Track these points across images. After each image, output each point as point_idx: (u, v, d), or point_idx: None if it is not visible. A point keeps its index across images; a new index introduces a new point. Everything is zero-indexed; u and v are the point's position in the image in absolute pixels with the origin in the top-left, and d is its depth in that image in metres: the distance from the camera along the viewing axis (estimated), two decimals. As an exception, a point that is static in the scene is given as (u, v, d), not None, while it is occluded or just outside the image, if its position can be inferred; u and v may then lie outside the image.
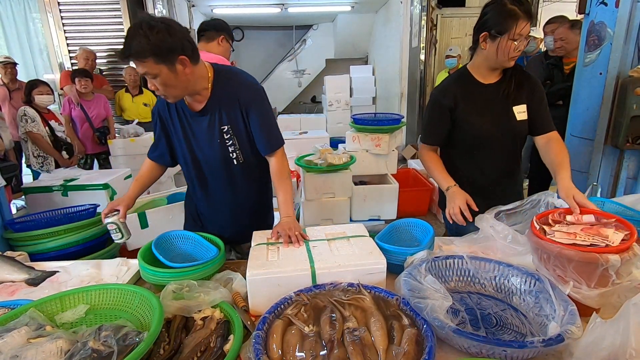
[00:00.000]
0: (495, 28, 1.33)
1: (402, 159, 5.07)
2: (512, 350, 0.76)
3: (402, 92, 5.90)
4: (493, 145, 1.50)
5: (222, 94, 1.31)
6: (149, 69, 1.15)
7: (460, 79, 1.51)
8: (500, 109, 1.45)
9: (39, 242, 1.59)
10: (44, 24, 4.57)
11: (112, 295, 1.03)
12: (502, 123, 1.46)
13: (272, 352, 0.81)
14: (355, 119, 2.98)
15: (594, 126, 2.16)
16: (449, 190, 1.42)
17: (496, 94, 1.46)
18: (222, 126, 1.34)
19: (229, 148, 1.37)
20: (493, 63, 1.41)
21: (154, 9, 4.79)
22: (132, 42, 1.11)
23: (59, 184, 2.30)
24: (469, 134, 1.49)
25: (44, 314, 0.95)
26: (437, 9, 5.16)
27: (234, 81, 1.34)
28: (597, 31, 2.13)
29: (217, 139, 1.35)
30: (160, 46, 1.12)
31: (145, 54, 1.11)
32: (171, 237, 1.35)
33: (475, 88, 1.48)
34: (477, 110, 1.47)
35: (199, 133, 1.37)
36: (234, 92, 1.32)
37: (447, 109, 1.48)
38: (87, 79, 3.53)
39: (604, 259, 0.87)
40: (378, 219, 2.99)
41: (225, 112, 1.33)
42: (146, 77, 1.18)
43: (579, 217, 1.07)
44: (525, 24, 1.30)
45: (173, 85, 1.20)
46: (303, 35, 8.31)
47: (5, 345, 0.80)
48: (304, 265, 1.05)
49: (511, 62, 1.39)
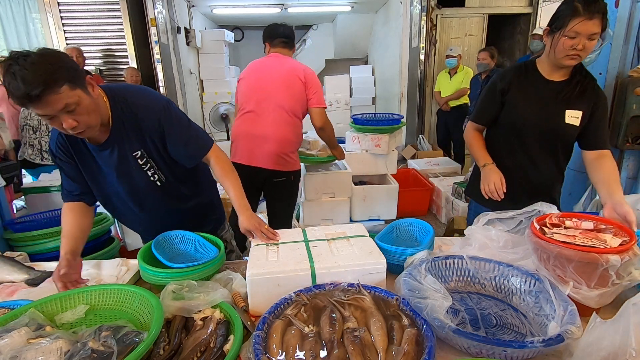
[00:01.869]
0: (554, 23, 1.32)
1: (401, 159, 5.07)
2: (512, 350, 0.76)
3: (401, 92, 5.90)
4: (533, 139, 1.47)
5: (124, 118, 1.16)
6: (68, 99, 0.96)
7: (523, 68, 1.51)
8: (552, 107, 1.43)
9: (38, 242, 1.59)
10: (44, 24, 4.57)
11: (112, 295, 1.03)
12: (548, 120, 1.43)
13: (272, 352, 0.81)
14: (355, 119, 2.99)
15: (594, 126, 2.16)
16: (485, 167, 1.46)
17: (554, 92, 1.42)
18: (135, 152, 1.20)
19: (147, 172, 1.24)
20: (552, 59, 1.39)
21: (153, 9, 4.79)
22: (36, 75, 0.90)
23: (58, 184, 2.30)
24: (512, 122, 1.48)
25: (43, 314, 0.95)
26: (437, 9, 5.16)
27: (132, 104, 1.17)
28: (596, 31, 2.13)
29: (133, 166, 1.21)
30: (67, 68, 0.96)
31: (59, 82, 0.94)
32: (171, 237, 1.35)
33: (535, 80, 1.46)
34: (528, 100, 1.45)
35: (107, 168, 1.21)
36: (142, 112, 1.18)
37: (500, 90, 1.49)
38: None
39: (604, 259, 0.87)
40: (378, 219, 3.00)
41: (132, 138, 1.18)
42: (60, 114, 0.98)
43: (578, 222, 1.07)
44: (581, 21, 1.24)
45: (94, 111, 1.05)
46: (303, 36, 8.31)
47: (5, 346, 0.80)
48: (304, 266, 1.05)
49: (568, 61, 1.33)
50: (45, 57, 0.95)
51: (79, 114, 1.00)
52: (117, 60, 4.79)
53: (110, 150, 1.18)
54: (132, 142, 1.19)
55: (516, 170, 1.51)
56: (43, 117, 0.98)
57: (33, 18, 4.64)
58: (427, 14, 5.07)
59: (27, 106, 0.95)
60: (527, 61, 1.52)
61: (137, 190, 1.26)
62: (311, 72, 2.24)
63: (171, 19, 5.27)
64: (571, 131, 1.43)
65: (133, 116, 1.17)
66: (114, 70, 4.81)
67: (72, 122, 1.00)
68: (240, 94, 2.24)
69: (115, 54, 4.78)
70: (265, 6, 6.31)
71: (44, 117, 0.99)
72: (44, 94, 0.92)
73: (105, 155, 1.19)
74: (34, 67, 0.91)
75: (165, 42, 5.12)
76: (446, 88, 4.69)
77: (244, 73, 2.29)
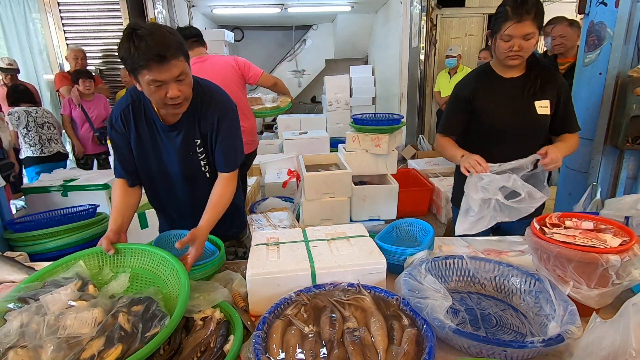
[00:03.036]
0: (492, 27, 1.39)
1: (402, 159, 5.07)
2: (512, 350, 0.76)
3: (401, 92, 5.90)
4: (511, 137, 1.49)
5: (202, 105, 1.24)
6: (183, 68, 1.07)
7: (481, 73, 1.54)
8: (520, 102, 1.46)
9: (38, 242, 1.59)
10: (44, 24, 4.57)
11: (149, 258, 1.10)
12: (521, 115, 1.46)
13: (272, 352, 0.81)
14: (355, 119, 2.98)
15: (594, 126, 2.16)
16: (463, 157, 1.43)
17: (518, 88, 1.46)
18: (196, 139, 1.27)
19: (201, 162, 1.31)
20: (499, 60, 1.45)
21: (154, 9, 4.79)
22: (166, 37, 1.01)
23: (58, 184, 2.30)
24: (487, 125, 1.50)
25: (88, 269, 1.06)
26: (437, 9, 5.16)
27: (210, 95, 1.26)
28: (596, 31, 2.13)
29: (191, 152, 1.28)
30: (184, 43, 1.07)
31: (181, 50, 1.05)
32: (171, 237, 1.35)
33: (496, 81, 1.49)
34: (496, 102, 1.48)
35: (170, 147, 1.27)
36: (213, 105, 1.25)
37: (464, 100, 1.52)
38: (90, 80, 3.55)
39: (604, 259, 0.87)
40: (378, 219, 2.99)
41: (198, 125, 1.26)
42: (171, 82, 1.06)
43: (578, 222, 1.07)
44: (512, 24, 1.30)
45: (191, 87, 1.14)
46: (303, 36, 8.31)
47: (52, 301, 0.88)
48: (304, 265, 1.05)
49: (511, 62, 1.40)
50: (170, 30, 1.06)
51: (184, 85, 1.10)
52: (117, 60, 4.78)
53: (177, 131, 1.25)
54: (196, 129, 1.26)
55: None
56: (153, 83, 1.05)
57: (33, 18, 4.64)
58: (427, 14, 5.07)
59: (149, 67, 1.02)
60: (483, 65, 1.57)
61: (190, 175, 1.32)
62: (237, 57, 2.60)
63: (171, 19, 5.27)
64: (545, 121, 1.47)
65: (204, 107, 1.24)
66: (114, 71, 4.81)
67: (177, 91, 1.08)
68: None
69: (115, 54, 4.76)
70: (265, 6, 6.30)
71: (153, 84, 1.05)
72: (172, 58, 1.03)
73: (172, 136, 1.26)
74: (165, 35, 1.02)
75: (165, 43, 5.10)
76: (446, 88, 4.69)
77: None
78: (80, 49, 4.10)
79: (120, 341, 0.81)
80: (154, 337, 0.80)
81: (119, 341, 0.81)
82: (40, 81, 4.83)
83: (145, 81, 1.06)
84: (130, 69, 1.06)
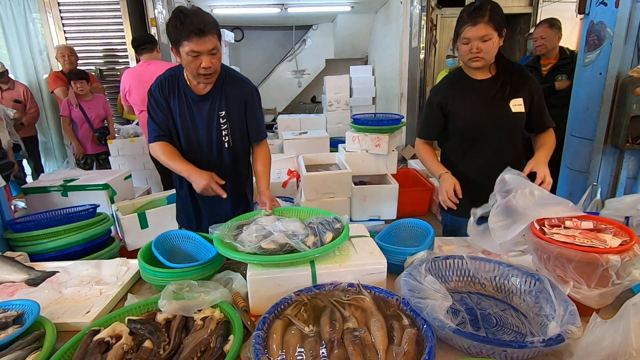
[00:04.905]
0: (455, 33, 1.46)
1: (402, 159, 5.07)
2: (512, 350, 0.76)
3: (401, 92, 5.90)
4: (488, 137, 1.52)
5: (227, 82, 1.48)
6: (216, 43, 1.31)
7: (453, 78, 1.60)
8: (494, 102, 1.49)
9: (39, 242, 1.59)
10: (44, 24, 4.56)
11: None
12: (496, 115, 1.49)
13: (272, 352, 0.81)
14: (355, 119, 2.99)
15: (594, 126, 2.16)
16: (441, 177, 1.53)
17: (490, 89, 1.50)
18: (220, 111, 1.48)
19: (222, 132, 1.51)
20: (464, 63, 1.51)
21: (154, 9, 4.79)
22: (205, 16, 1.27)
23: (58, 184, 2.30)
24: (463, 127, 1.54)
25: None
26: (437, 9, 5.15)
27: (238, 77, 1.53)
28: (596, 31, 2.13)
29: (214, 123, 1.49)
30: (218, 24, 1.32)
31: (215, 28, 1.30)
32: (171, 237, 1.35)
33: (468, 84, 1.54)
34: (470, 104, 1.52)
35: (198, 116, 1.49)
36: (237, 84, 1.50)
37: (437, 105, 1.57)
38: (83, 81, 3.49)
39: (604, 259, 0.87)
40: (378, 219, 2.99)
41: (224, 99, 1.48)
42: (205, 54, 1.30)
43: (578, 222, 1.07)
44: (467, 28, 1.38)
45: (220, 62, 1.38)
46: (303, 36, 8.31)
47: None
48: (304, 265, 1.05)
49: (474, 63, 1.45)
50: (208, 13, 1.32)
51: (215, 58, 1.34)
52: (118, 61, 4.79)
53: (205, 102, 1.48)
54: (221, 103, 1.48)
55: (479, 173, 1.55)
56: (192, 53, 1.29)
57: (33, 18, 4.64)
58: (427, 14, 5.07)
59: (190, 38, 1.27)
60: (454, 69, 1.63)
61: (212, 142, 1.53)
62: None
63: (171, 19, 5.27)
64: (521, 118, 1.51)
65: (230, 84, 1.49)
66: (114, 71, 4.81)
67: (210, 62, 1.32)
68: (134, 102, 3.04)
69: (116, 54, 4.77)
70: (265, 6, 6.30)
71: (192, 54, 1.29)
72: (209, 33, 1.28)
73: (200, 105, 1.48)
74: (204, 15, 1.29)
75: (165, 42, 5.11)
76: (446, 88, 4.69)
77: (129, 83, 2.97)
78: (67, 46, 4.05)
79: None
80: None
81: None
82: (40, 81, 4.83)
83: (184, 51, 1.30)
84: (174, 41, 1.31)
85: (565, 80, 2.74)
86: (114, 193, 2.38)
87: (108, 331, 0.92)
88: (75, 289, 1.21)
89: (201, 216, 1.66)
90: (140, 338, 0.92)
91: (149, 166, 3.68)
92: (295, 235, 1.14)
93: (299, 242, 1.09)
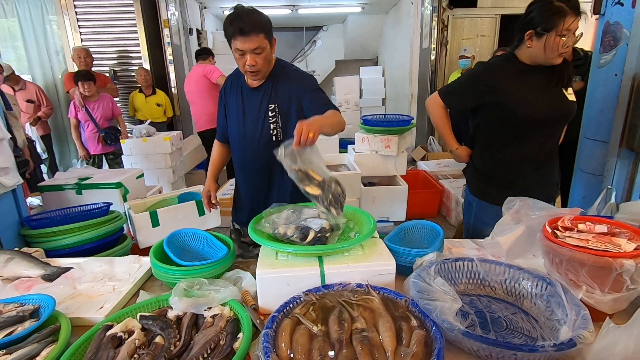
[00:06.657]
0: (541, 25, 1.34)
1: (411, 160, 5.04)
2: (523, 354, 0.76)
3: (412, 93, 5.87)
4: (544, 127, 1.46)
5: (279, 75, 1.51)
6: (260, 43, 1.35)
7: (507, 62, 1.50)
8: (551, 91, 1.44)
9: (54, 238, 1.62)
10: (60, 26, 4.67)
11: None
12: (556, 104, 1.45)
13: (281, 350, 0.81)
14: (365, 120, 2.98)
15: (609, 128, 2.12)
16: (457, 149, 1.63)
17: (546, 77, 1.44)
18: (270, 104, 1.50)
19: (271, 125, 1.51)
20: (541, 60, 1.42)
21: (167, 10, 4.86)
22: (252, 17, 1.33)
23: (73, 182, 2.35)
24: (513, 114, 1.45)
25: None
26: (448, 10, 5.12)
27: (291, 70, 1.55)
28: (612, 32, 2.09)
29: (263, 115, 1.51)
30: (268, 25, 1.37)
31: (261, 29, 1.34)
32: (182, 235, 1.37)
33: (524, 71, 1.46)
34: (528, 92, 1.44)
35: (249, 108, 1.54)
36: (288, 79, 1.50)
37: (483, 83, 1.47)
38: (90, 82, 3.51)
39: (618, 263, 0.85)
40: (387, 220, 2.98)
41: (275, 92, 1.49)
42: (249, 52, 1.35)
43: (591, 226, 1.05)
44: (573, 20, 1.30)
45: (268, 61, 1.43)
46: (313, 36, 8.33)
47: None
48: (313, 265, 1.06)
49: (559, 59, 1.38)
50: (260, 14, 1.39)
51: (260, 57, 1.38)
52: (131, 62, 4.87)
53: (256, 94, 1.52)
54: (272, 97, 1.50)
55: (525, 162, 1.50)
56: (237, 51, 1.37)
57: (50, 20, 4.76)
58: (438, 14, 5.04)
59: (235, 37, 1.34)
60: (508, 55, 1.51)
61: (260, 136, 1.53)
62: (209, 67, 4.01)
63: (183, 21, 5.34)
64: (575, 108, 1.46)
65: (281, 79, 1.50)
66: (128, 72, 4.89)
67: (253, 61, 1.37)
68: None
69: (129, 55, 4.86)
70: (276, 7, 6.34)
71: (237, 52, 1.37)
72: (252, 32, 1.33)
73: (252, 97, 1.53)
74: (252, 15, 1.35)
75: (178, 44, 5.18)
76: (458, 89, 4.65)
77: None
78: (83, 47, 4.13)
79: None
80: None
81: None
82: (57, 81, 4.94)
83: (233, 48, 1.38)
84: (227, 38, 1.39)
85: (580, 81, 2.69)
86: (127, 191, 2.42)
87: (121, 326, 0.94)
88: (89, 285, 1.24)
89: (245, 210, 1.71)
90: (152, 334, 0.94)
91: (160, 165, 3.73)
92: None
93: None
